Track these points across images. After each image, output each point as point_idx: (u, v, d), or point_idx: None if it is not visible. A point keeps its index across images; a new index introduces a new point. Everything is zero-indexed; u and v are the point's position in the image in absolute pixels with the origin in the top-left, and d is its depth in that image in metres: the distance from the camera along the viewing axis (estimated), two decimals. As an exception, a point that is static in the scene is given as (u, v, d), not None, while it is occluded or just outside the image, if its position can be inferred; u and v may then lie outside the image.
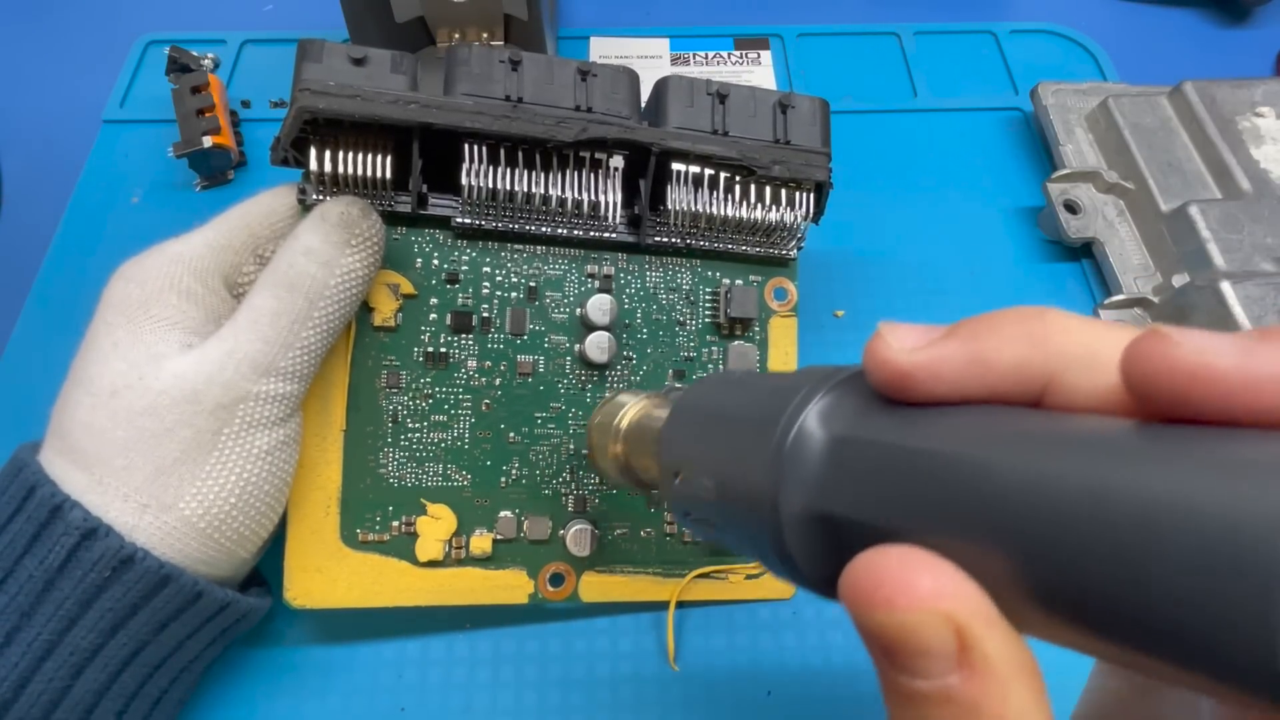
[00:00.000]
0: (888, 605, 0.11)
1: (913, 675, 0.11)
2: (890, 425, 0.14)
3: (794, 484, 0.14)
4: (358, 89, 0.28)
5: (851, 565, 0.12)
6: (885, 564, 0.12)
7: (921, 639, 0.11)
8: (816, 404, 0.15)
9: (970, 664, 0.11)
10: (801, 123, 0.32)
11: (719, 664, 0.32)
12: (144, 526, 0.24)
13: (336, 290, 0.27)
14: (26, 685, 0.23)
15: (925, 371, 0.13)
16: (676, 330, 0.33)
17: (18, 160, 0.46)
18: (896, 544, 0.12)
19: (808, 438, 0.14)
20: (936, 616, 0.11)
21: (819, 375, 0.15)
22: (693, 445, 0.19)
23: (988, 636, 0.11)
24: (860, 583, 0.12)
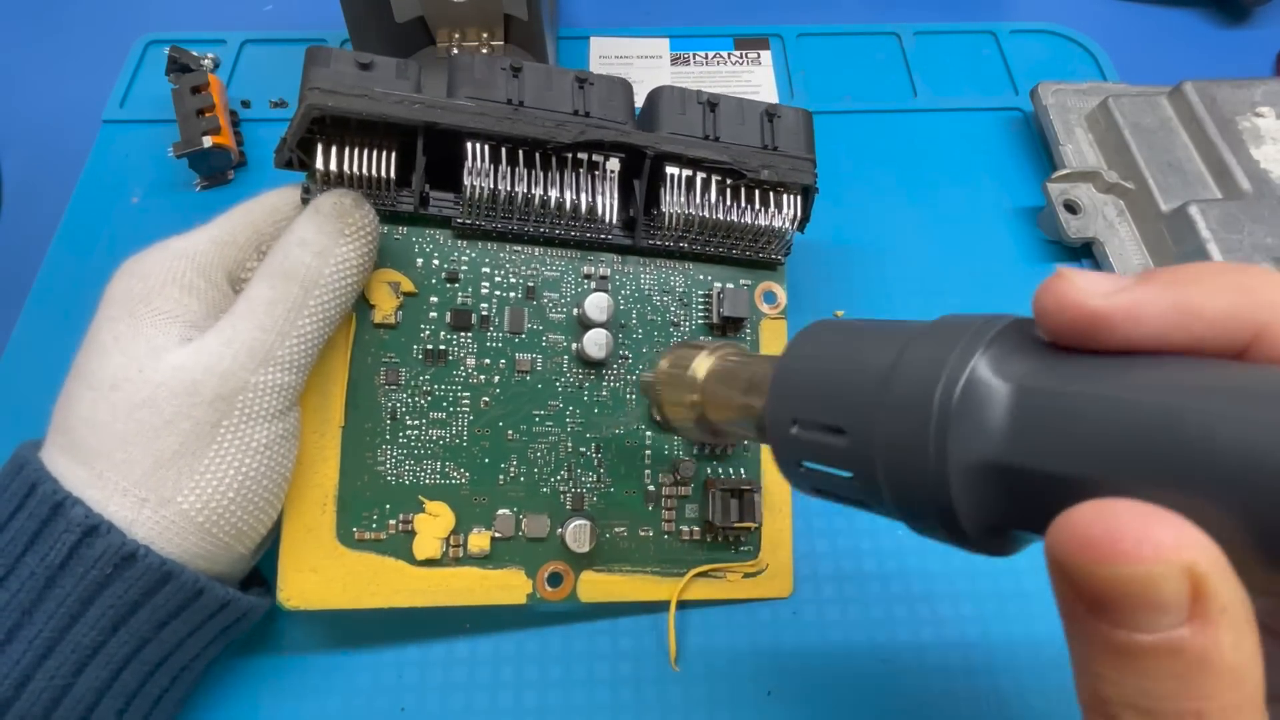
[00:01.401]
0: (1127, 557, 0.11)
1: (1134, 629, 0.11)
2: (1089, 374, 0.13)
3: (967, 436, 0.14)
4: (365, 89, 0.28)
5: (1072, 517, 0.11)
6: (1118, 516, 0.11)
7: (1160, 592, 0.11)
8: (983, 353, 0.14)
9: (1205, 615, 0.11)
10: (788, 131, 0.33)
11: (719, 664, 0.32)
12: (142, 521, 0.25)
13: (331, 279, 0.27)
14: (28, 683, 0.23)
15: (1125, 314, 0.13)
16: (671, 330, 0.34)
17: (18, 160, 0.47)
18: (1114, 497, 0.11)
19: (983, 388, 0.14)
20: (1178, 569, 0.11)
21: (975, 323, 0.15)
22: (818, 394, 0.18)
23: (1225, 588, 0.11)
24: (1090, 533, 0.11)
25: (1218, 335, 0.13)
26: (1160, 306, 0.13)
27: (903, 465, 0.15)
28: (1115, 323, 0.13)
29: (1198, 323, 0.13)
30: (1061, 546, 0.12)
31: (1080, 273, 0.14)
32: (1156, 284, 0.13)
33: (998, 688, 0.32)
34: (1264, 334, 0.12)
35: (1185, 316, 0.13)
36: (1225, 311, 0.12)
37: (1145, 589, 0.11)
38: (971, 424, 0.14)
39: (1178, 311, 0.13)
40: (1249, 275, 0.13)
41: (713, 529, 0.33)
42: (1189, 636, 0.11)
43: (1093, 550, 0.11)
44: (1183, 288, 0.13)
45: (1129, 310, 0.13)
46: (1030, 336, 0.14)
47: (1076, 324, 0.13)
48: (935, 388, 0.14)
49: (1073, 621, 0.12)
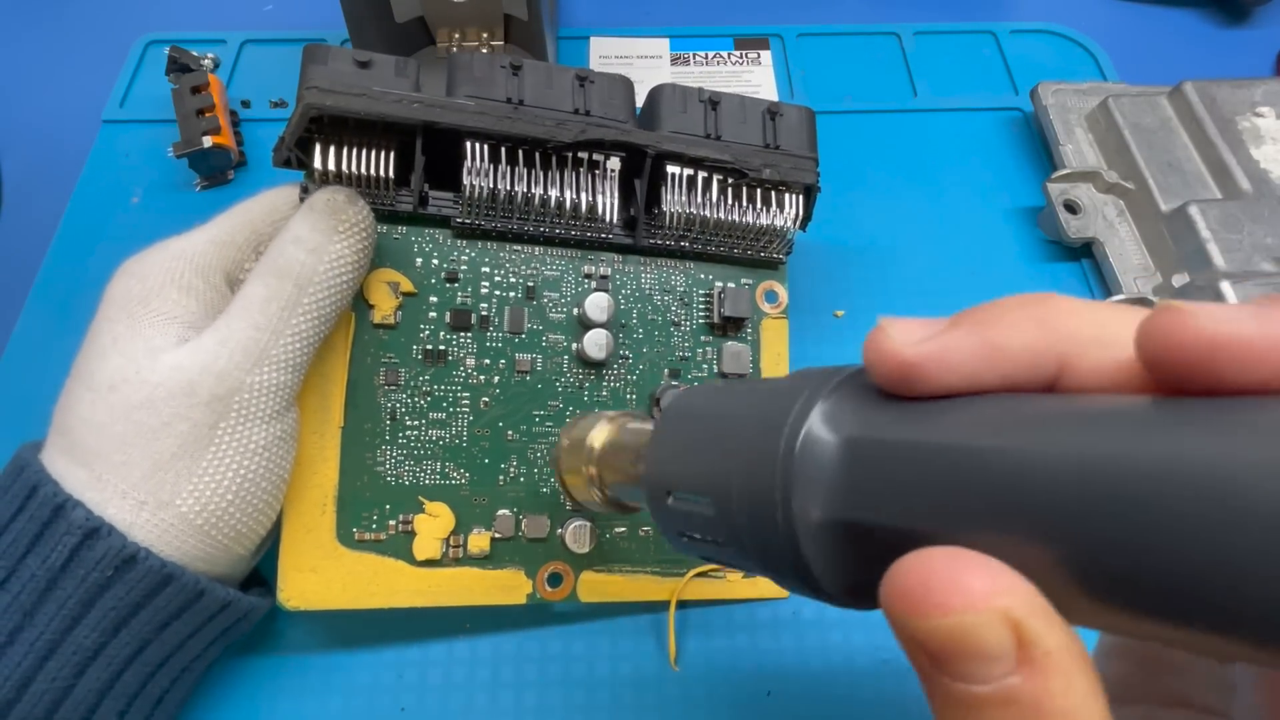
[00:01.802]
0: (941, 609, 0.11)
1: (969, 681, 0.11)
2: (904, 422, 0.13)
3: (807, 492, 0.14)
4: (364, 88, 0.28)
5: (893, 571, 0.12)
6: (931, 566, 0.11)
7: (980, 641, 0.11)
8: (820, 406, 0.14)
9: (1031, 661, 0.11)
10: (790, 129, 0.33)
11: (719, 664, 0.32)
12: (141, 523, 0.25)
13: (326, 276, 0.27)
14: (29, 685, 0.23)
15: (934, 362, 0.13)
16: (671, 330, 0.33)
17: (18, 160, 0.47)
18: (935, 546, 0.11)
19: (816, 442, 0.14)
20: (994, 616, 0.11)
21: (817, 376, 0.15)
22: (686, 460, 0.18)
23: (1046, 629, 0.11)
24: (906, 588, 0.11)
25: (1025, 371, 0.13)
26: (967, 349, 0.13)
27: (759, 529, 0.15)
28: (928, 370, 0.13)
29: (1003, 361, 0.13)
30: (885, 604, 0.12)
31: (896, 322, 0.14)
32: (963, 327, 0.13)
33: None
34: (1067, 364, 0.12)
35: (991, 356, 0.13)
36: (1027, 347, 0.13)
37: (966, 639, 0.11)
38: (809, 481, 0.14)
39: (983, 352, 0.13)
40: (1046, 307, 0.13)
41: (713, 529, 0.33)
42: (1020, 684, 0.11)
43: (910, 604, 0.11)
44: (986, 328, 0.13)
45: (938, 356, 0.13)
46: (869, 386, 0.14)
47: (897, 373, 0.13)
48: (778, 445, 0.14)
49: (923, 679, 0.12)
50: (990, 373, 0.13)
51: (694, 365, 0.34)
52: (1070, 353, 0.12)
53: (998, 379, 0.13)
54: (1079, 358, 0.12)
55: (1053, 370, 0.13)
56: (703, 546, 0.18)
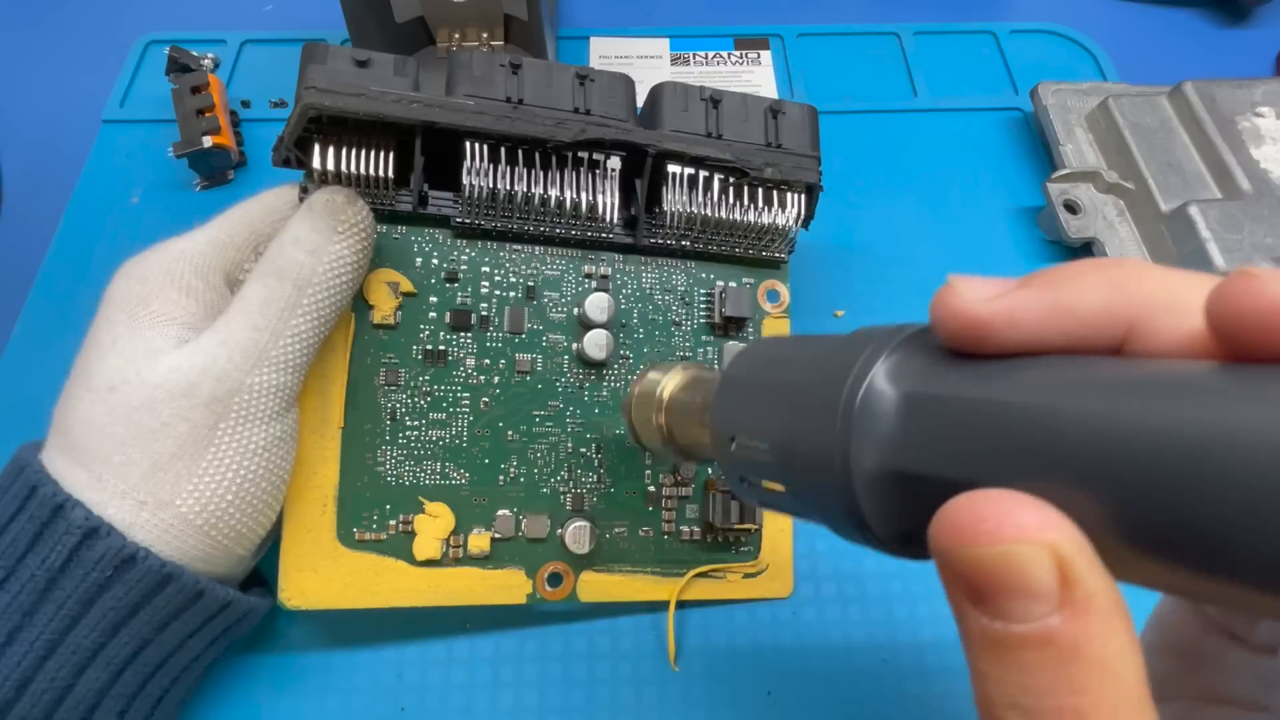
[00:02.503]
0: (990, 538, 0.11)
1: (1008, 619, 0.11)
2: (967, 379, 0.13)
3: (866, 442, 0.14)
4: (362, 88, 0.28)
5: (947, 506, 0.12)
6: (986, 501, 0.11)
7: (1025, 574, 0.11)
8: (883, 362, 0.14)
9: (1074, 602, 0.11)
10: (792, 128, 0.33)
11: (719, 664, 0.32)
12: (141, 524, 0.25)
13: (325, 277, 0.27)
14: (29, 684, 0.23)
15: (1003, 319, 0.13)
16: (672, 330, 0.33)
17: (18, 160, 0.47)
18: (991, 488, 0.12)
19: (878, 395, 0.14)
20: (1042, 549, 0.11)
21: (881, 334, 0.15)
22: (750, 408, 0.18)
23: (1090, 572, 0.11)
24: (959, 519, 0.11)
25: (1093, 332, 0.13)
26: (1037, 309, 0.13)
27: (817, 476, 0.15)
28: (996, 328, 0.13)
29: (1072, 322, 0.13)
30: (936, 535, 0.12)
31: (968, 280, 0.14)
32: (1033, 287, 0.13)
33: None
34: (1136, 328, 0.12)
35: (1060, 317, 0.13)
36: (1097, 309, 0.13)
37: (1011, 570, 0.11)
38: (869, 432, 0.14)
39: (1053, 312, 0.13)
40: (1120, 270, 0.13)
41: (713, 530, 0.33)
42: (1059, 625, 0.11)
43: (960, 533, 0.11)
44: (1057, 289, 0.13)
45: (1007, 315, 0.13)
46: (932, 344, 0.15)
47: (964, 331, 0.13)
48: (839, 398, 0.15)
49: (960, 620, 0.12)
50: (1058, 334, 0.13)
51: (694, 365, 0.34)
52: (1140, 317, 0.12)
53: (1065, 340, 0.13)
54: (1149, 322, 0.12)
55: (1121, 334, 0.13)
56: (762, 492, 0.18)
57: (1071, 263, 0.14)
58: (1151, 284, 0.13)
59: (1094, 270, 0.13)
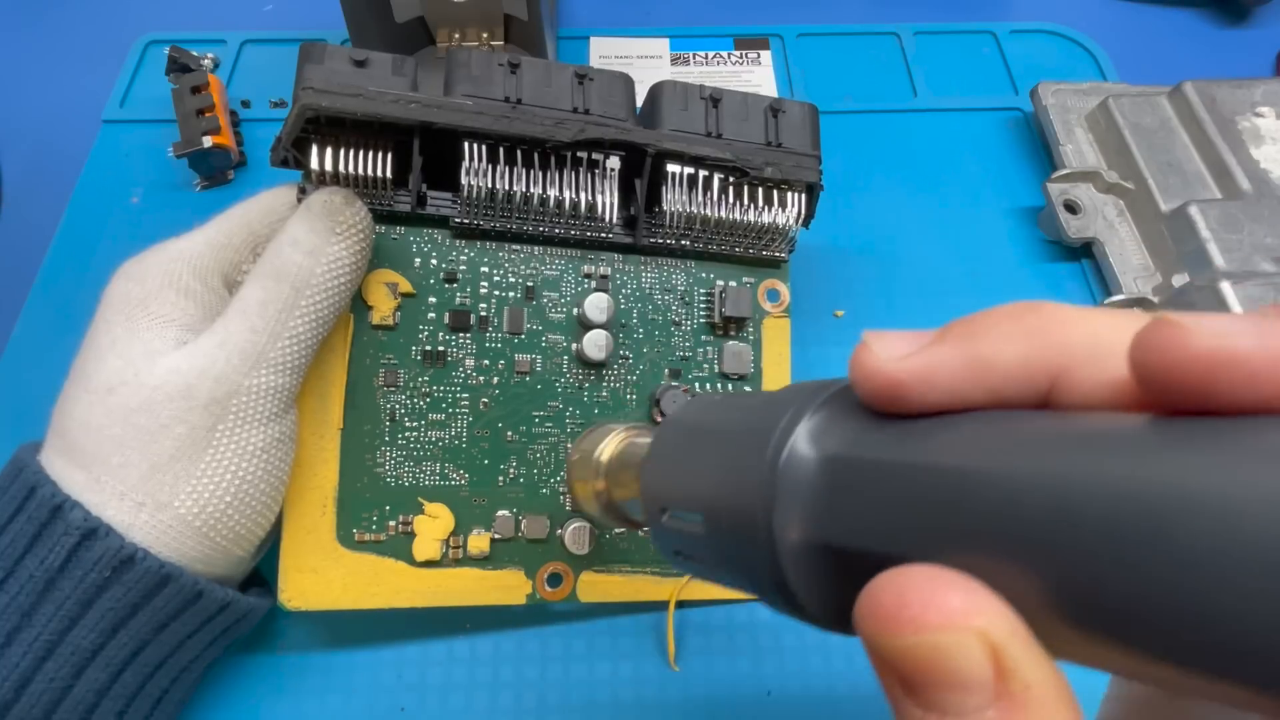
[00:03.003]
0: (915, 626, 0.10)
1: (942, 712, 0.10)
2: (887, 441, 0.12)
3: (789, 512, 0.13)
4: (360, 88, 0.28)
5: (870, 587, 0.11)
6: (909, 582, 0.11)
7: (954, 664, 0.10)
8: (806, 422, 0.14)
9: (1010, 694, 0.10)
10: (792, 126, 0.33)
11: (719, 664, 0.32)
12: (140, 525, 0.25)
13: (323, 278, 0.27)
14: (28, 685, 0.23)
15: (918, 379, 0.12)
16: (672, 330, 0.33)
17: (18, 160, 0.47)
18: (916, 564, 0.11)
19: (799, 460, 0.13)
20: (971, 637, 0.10)
21: (807, 391, 0.14)
22: (677, 477, 0.17)
23: (1026, 659, 0.10)
24: (881, 604, 0.11)
25: (1015, 386, 0.12)
26: (953, 366, 0.12)
27: (744, 549, 0.14)
28: (913, 387, 0.12)
29: (992, 377, 0.12)
30: (859, 620, 0.11)
31: (882, 337, 0.13)
32: (950, 341, 0.12)
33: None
34: (1061, 379, 0.12)
35: (979, 372, 0.12)
36: (1016, 362, 0.12)
37: (939, 661, 0.10)
38: (791, 500, 0.13)
39: (970, 368, 0.12)
40: (1038, 317, 0.12)
41: (712, 529, 0.33)
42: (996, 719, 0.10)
43: (884, 621, 0.11)
44: (973, 342, 0.12)
45: (922, 373, 0.12)
46: (857, 403, 0.14)
47: (882, 391, 0.13)
48: (762, 463, 0.14)
49: (894, 708, 0.11)
50: (978, 389, 0.12)
51: (695, 365, 0.34)
52: (1064, 367, 0.12)
53: (986, 395, 0.12)
54: (1073, 372, 0.12)
55: (1045, 385, 0.12)
56: (695, 565, 0.17)
57: (988, 311, 0.13)
58: (1071, 331, 0.12)
59: (1010, 320, 0.12)
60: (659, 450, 0.19)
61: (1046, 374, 0.12)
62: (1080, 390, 0.12)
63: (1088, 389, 0.12)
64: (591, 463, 0.25)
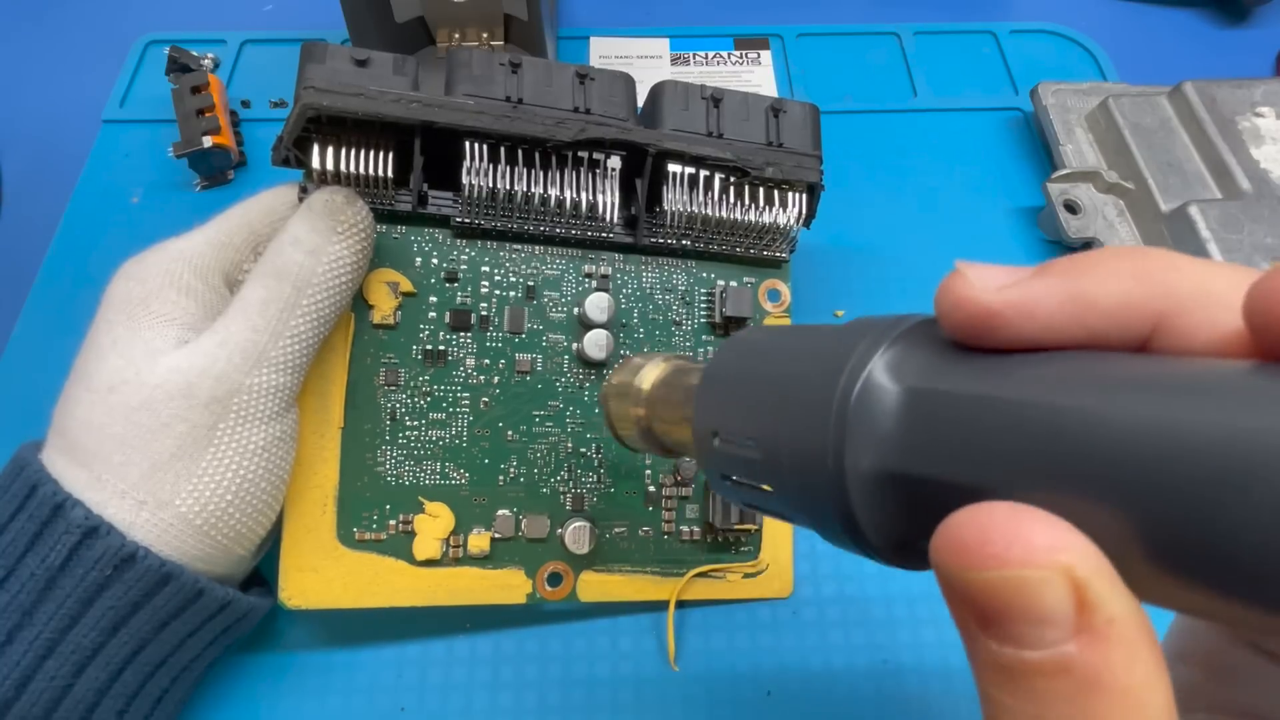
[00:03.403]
0: (999, 560, 0.10)
1: (1019, 644, 0.10)
2: (976, 375, 0.12)
3: (862, 442, 0.13)
4: (361, 88, 0.28)
5: (950, 521, 0.11)
6: (992, 517, 0.10)
7: (1037, 599, 0.10)
8: (883, 354, 0.13)
9: (1092, 628, 0.10)
10: (793, 126, 0.33)
11: (719, 664, 0.32)
12: (141, 523, 0.25)
13: (324, 278, 0.27)
14: (28, 684, 0.23)
15: (1017, 310, 0.12)
16: (672, 330, 0.33)
17: (18, 160, 0.47)
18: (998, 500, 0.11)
19: (877, 391, 0.13)
20: (1055, 573, 0.10)
21: (881, 325, 0.14)
22: (735, 403, 0.17)
23: (1110, 595, 0.10)
24: (963, 537, 0.10)
25: (1115, 326, 0.12)
26: (1054, 300, 0.12)
27: (807, 477, 0.14)
28: (1009, 319, 0.12)
29: (1092, 315, 0.12)
30: (937, 554, 0.11)
31: (978, 267, 0.13)
32: (1051, 276, 0.12)
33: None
34: (1163, 323, 0.11)
35: (1080, 309, 0.12)
36: (1119, 302, 0.12)
37: (1021, 596, 0.10)
38: (866, 430, 0.13)
39: (1072, 304, 0.12)
40: (1146, 260, 0.12)
41: (713, 530, 0.33)
42: (1076, 653, 0.10)
43: (965, 555, 0.10)
44: (1076, 278, 0.12)
45: (1021, 306, 0.12)
46: (935, 337, 0.13)
47: (973, 321, 0.12)
48: (833, 393, 0.13)
49: (968, 642, 0.11)
50: (1077, 327, 0.12)
51: (694, 365, 0.34)
52: (1168, 311, 0.11)
53: (1084, 334, 0.12)
54: (1178, 317, 0.11)
55: (1146, 329, 0.12)
56: (746, 491, 0.17)
57: (1092, 251, 0.12)
58: (1181, 276, 0.12)
59: (1117, 259, 0.12)
60: (714, 375, 0.18)
61: (1149, 317, 0.12)
62: (1183, 336, 0.11)
63: (1194, 336, 0.11)
64: (632, 391, 0.24)
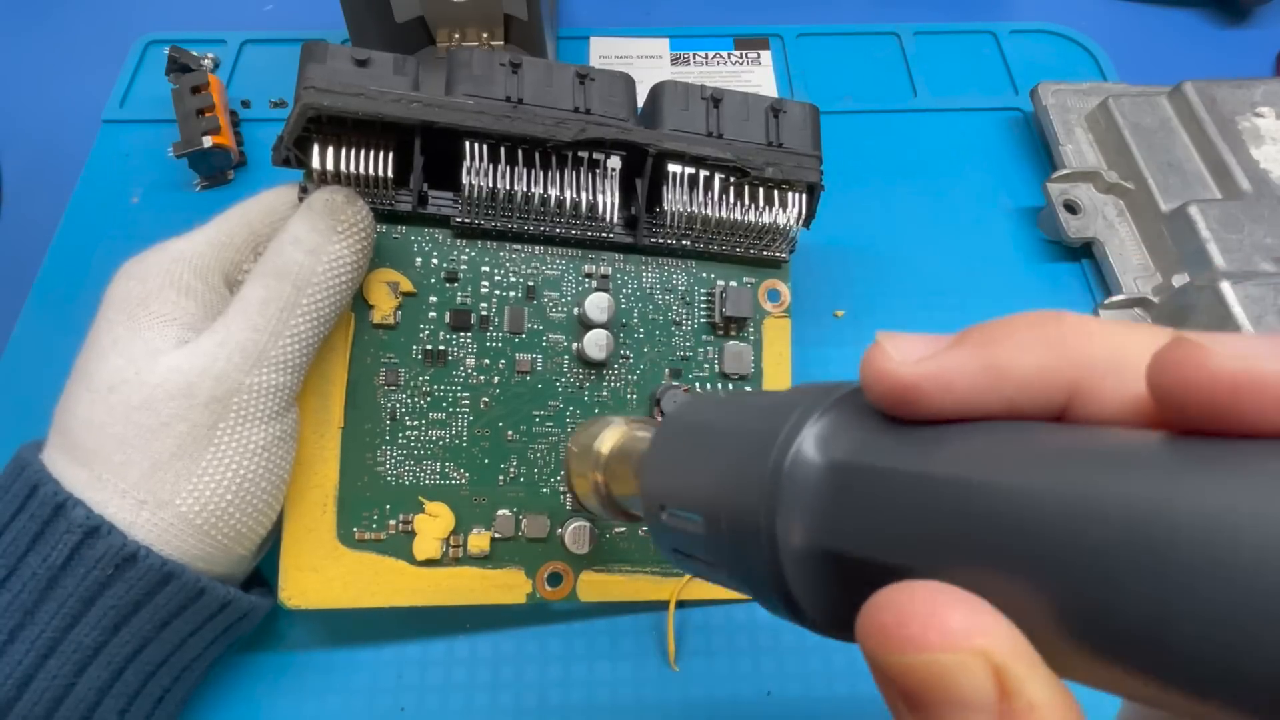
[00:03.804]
0: (916, 644, 0.10)
1: None
2: (897, 448, 0.12)
3: (792, 517, 0.13)
4: (361, 88, 0.28)
5: (870, 603, 0.11)
6: (910, 599, 0.10)
7: (956, 684, 0.10)
8: (813, 425, 0.13)
9: (1014, 713, 0.10)
10: (793, 127, 0.33)
11: (719, 664, 0.32)
12: (141, 523, 0.25)
13: (324, 277, 0.27)
14: (30, 683, 0.23)
15: (934, 383, 0.12)
16: (672, 330, 0.33)
17: (18, 160, 0.47)
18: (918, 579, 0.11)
19: (805, 464, 0.13)
20: (973, 657, 0.10)
21: (814, 393, 0.14)
22: (678, 474, 0.17)
23: (1031, 679, 0.10)
24: (880, 620, 0.10)
25: (1031, 396, 0.12)
26: (970, 372, 0.12)
27: (744, 550, 0.14)
28: (926, 391, 0.12)
29: (1008, 386, 0.12)
30: (860, 636, 0.11)
31: (897, 338, 0.13)
32: (966, 347, 0.12)
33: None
34: (1077, 391, 0.12)
35: (996, 380, 0.12)
36: (1034, 372, 0.12)
37: (941, 680, 0.10)
38: (795, 505, 0.13)
39: (988, 375, 0.12)
40: (1058, 328, 0.12)
41: (713, 529, 0.33)
42: None
43: (884, 638, 0.10)
44: (991, 349, 0.12)
45: (939, 378, 0.12)
46: (866, 406, 0.13)
47: (894, 394, 0.12)
48: (766, 465, 0.13)
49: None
50: (994, 397, 0.12)
51: (695, 365, 0.34)
52: (1081, 379, 0.12)
53: (1002, 405, 0.12)
54: (1091, 386, 0.11)
55: (1062, 398, 0.12)
56: (694, 564, 0.17)
57: (1006, 319, 0.12)
58: (1092, 343, 0.12)
59: (1029, 328, 0.12)
60: (659, 448, 0.19)
61: (1064, 386, 0.12)
62: (1098, 404, 0.11)
63: (1106, 403, 0.11)
64: (591, 455, 0.24)
